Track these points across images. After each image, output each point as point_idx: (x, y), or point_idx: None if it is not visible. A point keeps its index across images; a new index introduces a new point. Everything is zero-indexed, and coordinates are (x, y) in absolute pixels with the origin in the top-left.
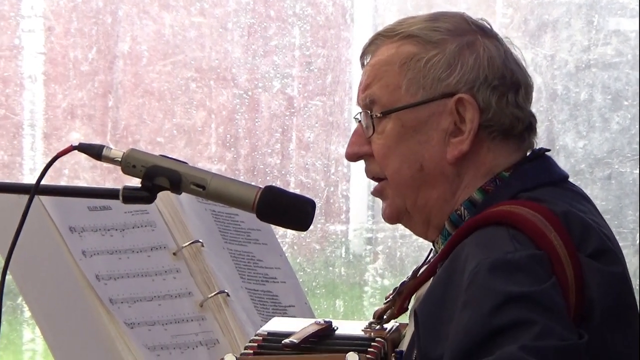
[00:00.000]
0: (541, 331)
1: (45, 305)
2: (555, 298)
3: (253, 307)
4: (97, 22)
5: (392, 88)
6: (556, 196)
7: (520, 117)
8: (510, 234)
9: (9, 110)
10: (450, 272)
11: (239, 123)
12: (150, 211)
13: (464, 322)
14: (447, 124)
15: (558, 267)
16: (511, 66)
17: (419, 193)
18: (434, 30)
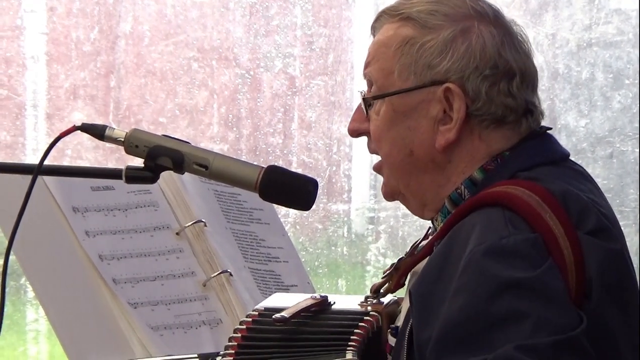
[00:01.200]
0: (536, 325)
1: (49, 286)
2: (551, 282)
3: (256, 287)
4: (99, 2)
5: (387, 72)
6: (555, 175)
7: (513, 106)
8: (506, 216)
9: (12, 90)
10: (446, 254)
11: (241, 103)
12: (153, 191)
13: (457, 309)
14: (436, 112)
15: (554, 248)
16: (506, 54)
17: (410, 177)
18: (432, 14)
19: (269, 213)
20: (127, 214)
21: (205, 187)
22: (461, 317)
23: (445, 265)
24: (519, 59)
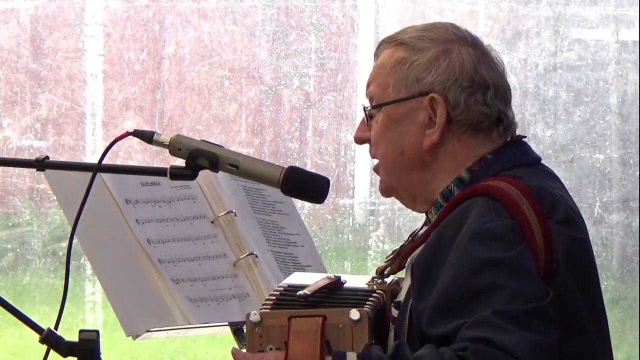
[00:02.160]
0: (511, 295)
1: (105, 264)
2: (525, 261)
3: (277, 267)
4: (147, 29)
5: (383, 87)
6: (531, 174)
7: (487, 113)
8: (490, 204)
9: (74, 102)
10: (440, 238)
11: (265, 114)
12: (192, 186)
13: (446, 282)
14: (423, 118)
15: (529, 233)
16: (482, 70)
17: (401, 174)
18: (420, 39)
19: (288, 205)
20: (171, 205)
21: (235, 183)
22: (449, 289)
23: (439, 248)
24: (493, 75)
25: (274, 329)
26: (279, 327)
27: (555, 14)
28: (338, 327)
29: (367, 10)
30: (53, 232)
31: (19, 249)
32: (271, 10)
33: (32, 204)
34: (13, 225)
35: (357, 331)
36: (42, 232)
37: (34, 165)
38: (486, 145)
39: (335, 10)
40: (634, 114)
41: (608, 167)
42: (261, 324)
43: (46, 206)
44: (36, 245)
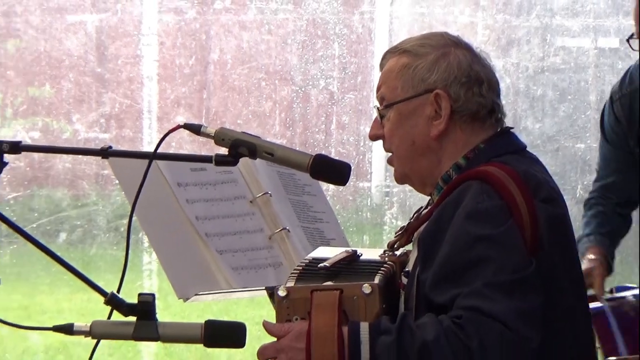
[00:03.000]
0: (498, 267)
1: (160, 238)
2: (512, 236)
3: (306, 240)
4: (195, 39)
5: (393, 88)
6: (518, 160)
7: (484, 103)
8: (483, 187)
9: (133, 100)
10: (441, 216)
11: (295, 110)
12: (234, 171)
13: (445, 254)
14: (429, 112)
15: (516, 212)
16: (476, 67)
17: (413, 162)
18: (421, 46)
19: (315, 188)
20: (215, 187)
21: (270, 168)
22: (446, 261)
23: (440, 225)
24: (485, 71)
25: (298, 301)
26: (303, 300)
27: (542, 25)
28: (353, 298)
29: (382, 22)
30: (115, 211)
31: (86, 226)
32: (301, 22)
33: (98, 187)
34: (82, 205)
35: (369, 302)
36: (106, 211)
37: (100, 153)
38: (480, 134)
39: (355, 22)
40: None
41: (588, 155)
42: (287, 297)
43: (109, 189)
44: (101, 222)
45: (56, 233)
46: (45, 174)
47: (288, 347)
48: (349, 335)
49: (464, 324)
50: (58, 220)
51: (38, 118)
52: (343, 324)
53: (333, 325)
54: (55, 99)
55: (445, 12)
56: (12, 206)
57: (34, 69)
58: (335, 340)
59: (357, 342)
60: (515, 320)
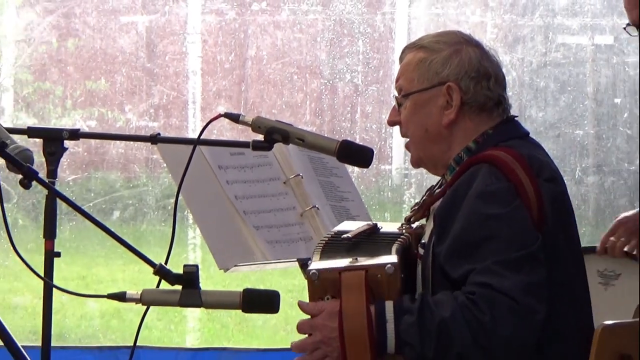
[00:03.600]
0: (507, 244)
1: (203, 215)
2: (518, 215)
3: (334, 217)
4: (234, 37)
5: (410, 80)
6: (522, 145)
7: (490, 96)
8: (492, 171)
9: (179, 92)
10: (455, 195)
11: (324, 101)
12: (269, 156)
13: (458, 230)
14: (442, 102)
15: (522, 192)
16: (485, 63)
17: (426, 147)
18: (436, 42)
19: (342, 170)
20: (253, 170)
21: (301, 153)
22: (459, 237)
23: (454, 203)
24: (493, 67)
25: (328, 282)
26: (332, 280)
27: (545, 24)
28: (377, 277)
29: (402, 22)
30: (163, 191)
31: (137, 204)
32: (329, 22)
33: (148, 170)
34: (133, 186)
35: (391, 280)
36: (155, 191)
37: (149, 140)
38: (488, 122)
39: (377, 21)
40: (606, 100)
41: (586, 140)
42: (319, 278)
43: (158, 171)
44: (150, 202)
45: (110, 211)
46: (101, 158)
47: (322, 326)
48: (376, 315)
49: (477, 300)
50: (112, 200)
51: (94, 108)
52: (370, 302)
53: (362, 304)
54: (110, 92)
55: (458, 12)
56: (71, 187)
57: (90, 64)
58: (365, 318)
59: (383, 321)
60: (523, 295)
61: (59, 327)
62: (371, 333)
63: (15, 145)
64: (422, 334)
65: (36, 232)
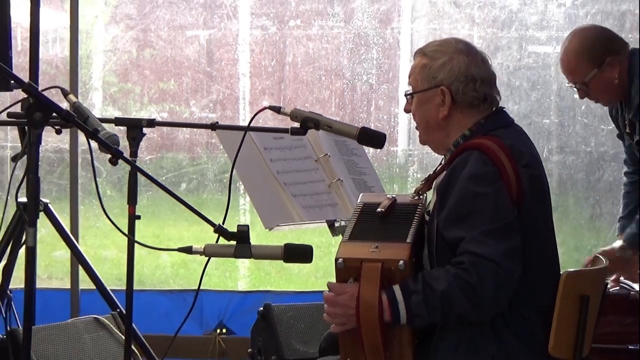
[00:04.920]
0: (490, 216)
1: (252, 186)
2: (500, 194)
3: (354, 187)
4: (275, 47)
5: (415, 81)
6: (507, 134)
7: (476, 96)
8: (480, 156)
9: (232, 90)
10: (452, 174)
11: (346, 97)
12: (303, 139)
13: (453, 203)
14: (438, 100)
15: (505, 175)
16: (472, 69)
17: (428, 134)
18: (436, 51)
19: (360, 150)
20: (291, 150)
21: (329, 137)
22: (453, 209)
23: (451, 180)
24: (480, 71)
25: (352, 268)
26: (355, 267)
27: (519, 36)
28: (391, 269)
29: (406, 34)
30: (220, 167)
31: (199, 178)
32: (349, 35)
33: (208, 151)
34: (196, 164)
35: (403, 273)
36: (214, 168)
37: (210, 127)
38: (477, 115)
39: (387, 34)
40: (567, 96)
41: (551, 127)
42: (344, 265)
43: (215, 152)
44: (210, 176)
45: (178, 184)
46: (171, 142)
47: (343, 304)
48: (389, 299)
49: (467, 267)
50: (179, 175)
51: (166, 104)
52: (384, 287)
53: (375, 293)
54: (178, 90)
55: (450, 27)
56: (148, 165)
57: (163, 69)
58: (377, 306)
59: (395, 303)
60: (503, 259)
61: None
62: (381, 316)
63: (105, 132)
64: (429, 307)
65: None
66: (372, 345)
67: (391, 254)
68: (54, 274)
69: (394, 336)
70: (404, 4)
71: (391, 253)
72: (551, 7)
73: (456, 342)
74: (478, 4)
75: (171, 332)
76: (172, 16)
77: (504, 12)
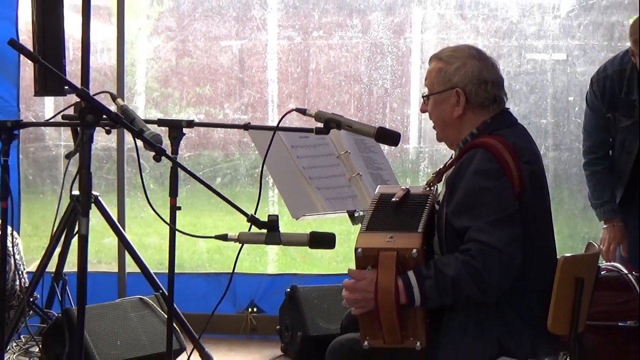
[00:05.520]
0: (494, 207)
1: (281, 180)
2: (504, 188)
3: (372, 180)
4: (300, 55)
5: (431, 84)
6: (510, 132)
7: (487, 97)
8: (486, 155)
9: (262, 94)
10: (461, 168)
11: (364, 100)
12: (326, 138)
13: (458, 198)
14: (453, 101)
15: (508, 171)
16: (484, 73)
17: (443, 131)
18: (450, 57)
19: (377, 148)
20: (315, 148)
21: (349, 136)
22: (461, 201)
23: (459, 174)
24: (491, 75)
25: (370, 257)
26: (373, 256)
27: (519, 45)
28: (405, 257)
29: (417, 44)
30: (252, 163)
31: (233, 173)
32: (367, 44)
33: (240, 149)
34: (230, 160)
35: (416, 260)
36: (246, 164)
37: (242, 127)
38: (487, 114)
39: (401, 44)
40: (562, 98)
41: (548, 127)
42: (363, 254)
43: (247, 150)
44: (242, 171)
45: (214, 178)
46: (207, 141)
47: (362, 289)
48: (404, 284)
49: (473, 254)
50: (215, 170)
51: (202, 106)
52: (399, 273)
53: (391, 279)
54: (213, 94)
55: (457, 37)
56: (187, 161)
57: (199, 75)
58: (393, 290)
59: (410, 287)
60: (506, 246)
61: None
62: (397, 299)
63: (149, 132)
64: (440, 291)
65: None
66: (389, 325)
67: (405, 243)
68: (103, 259)
69: (408, 317)
70: (415, 17)
71: (405, 242)
72: (547, 18)
73: (465, 323)
74: (482, 16)
75: (208, 311)
76: (207, 28)
77: (505, 23)
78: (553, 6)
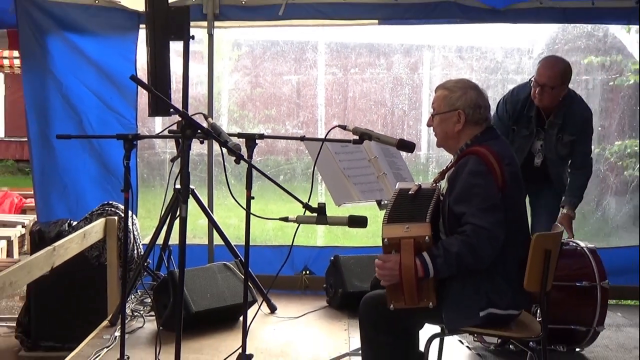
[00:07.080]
0: (483, 198)
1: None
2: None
3: (393, 178)
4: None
5: (438, 106)
6: (495, 143)
7: (482, 117)
8: (477, 159)
9: (313, 115)
10: (459, 169)
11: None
12: (361, 147)
13: (456, 191)
14: (455, 119)
15: (494, 173)
16: (479, 100)
17: (445, 142)
18: (454, 87)
19: (398, 154)
20: (353, 154)
21: (377, 145)
22: (459, 193)
23: (457, 174)
24: (484, 101)
25: (393, 244)
26: (396, 243)
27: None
28: (420, 242)
29: (427, 78)
30: (305, 165)
31: (291, 172)
32: (390, 78)
33: (297, 155)
34: (289, 163)
35: (429, 244)
36: (301, 166)
37: (300, 139)
38: (478, 130)
39: (415, 78)
40: None
41: None
42: (388, 242)
43: (302, 155)
44: (299, 170)
45: (278, 176)
46: (273, 148)
47: (390, 268)
48: (421, 262)
49: (469, 233)
50: (278, 170)
51: (270, 124)
52: (417, 254)
53: (411, 259)
54: (277, 115)
55: (457, 73)
56: (258, 164)
57: (268, 101)
58: (413, 267)
59: (426, 265)
60: (493, 227)
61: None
62: (416, 274)
63: (232, 142)
64: (448, 265)
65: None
66: (410, 292)
67: (419, 231)
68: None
69: (423, 286)
70: (425, 58)
71: (419, 231)
72: (524, 58)
73: (462, 284)
74: (475, 57)
75: (273, 272)
76: (274, 67)
77: (493, 62)
78: (528, 50)
